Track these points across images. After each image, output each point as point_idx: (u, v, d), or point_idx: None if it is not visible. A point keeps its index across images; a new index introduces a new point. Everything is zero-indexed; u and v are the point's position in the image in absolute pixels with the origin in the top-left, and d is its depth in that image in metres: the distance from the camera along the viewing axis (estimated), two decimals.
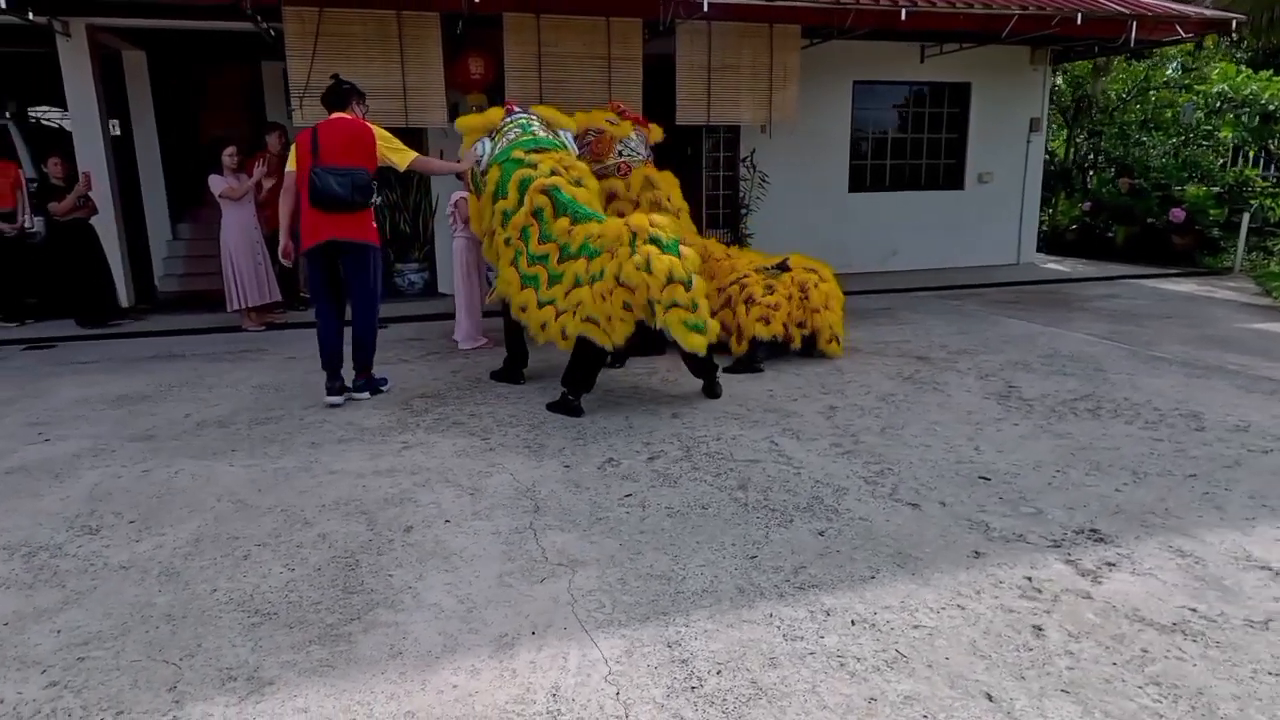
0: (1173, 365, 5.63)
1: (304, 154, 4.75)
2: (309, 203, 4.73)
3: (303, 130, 4.87)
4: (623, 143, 5.99)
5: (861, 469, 3.81)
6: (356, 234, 4.83)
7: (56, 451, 4.23)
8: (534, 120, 5.31)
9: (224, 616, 2.65)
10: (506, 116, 5.30)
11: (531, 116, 5.34)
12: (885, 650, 2.40)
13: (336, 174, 4.69)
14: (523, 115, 5.32)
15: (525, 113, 5.37)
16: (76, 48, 8.05)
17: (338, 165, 4.70)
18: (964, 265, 10.89)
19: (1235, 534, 3.11)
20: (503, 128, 5.23)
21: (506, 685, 2.27)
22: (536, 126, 5.27)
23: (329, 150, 4.72)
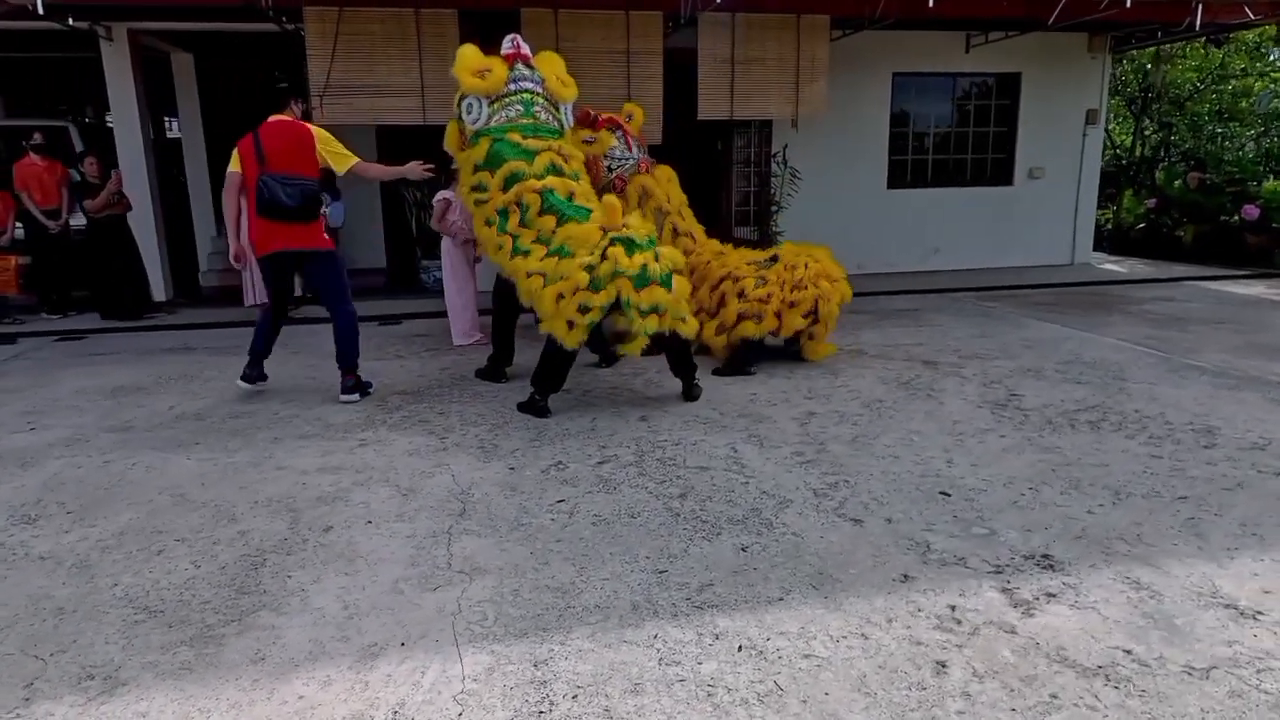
0: (1204, 375, 5.17)
1: (249, 159, 4.70)
2: (256, 212, 4.71)
3: (246, 134, 4.81)
4: (608, 156, 5.85)
5: (816, 480, 3.58)
6: (308, 242, 4.82)
7: (35, 440, 4.36)
8: (538, 99, 5.02)
9: (111, 613, 2.64)
10: (510, 81, 4.93)
11: (537, 91, 5.02)
12: (763, 681, 2.21)
13: (286, 184, 4.65)
14: (528, 87, 4.99)
15: (532, 80, 5.03)
16: (118, 51, 8.37)
17: (286, 174, 4.66)
18: (1012, 265, 10.35)
19: (1208, 566, 2.78)
20: (505, 97, 4.91)
21: (352, 699, 2.18)
22: (540, 107, 5.01)
23: (274, 155, 4.66)
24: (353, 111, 7.78)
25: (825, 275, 5.39)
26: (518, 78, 4.97)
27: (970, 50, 9.84)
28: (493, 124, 4.91)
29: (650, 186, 5.86)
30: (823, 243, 9.47)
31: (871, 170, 10.00)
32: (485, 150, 4.87)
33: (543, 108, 5.05)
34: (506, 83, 4.92)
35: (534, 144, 4.88)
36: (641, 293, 4.27)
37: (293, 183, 4.63)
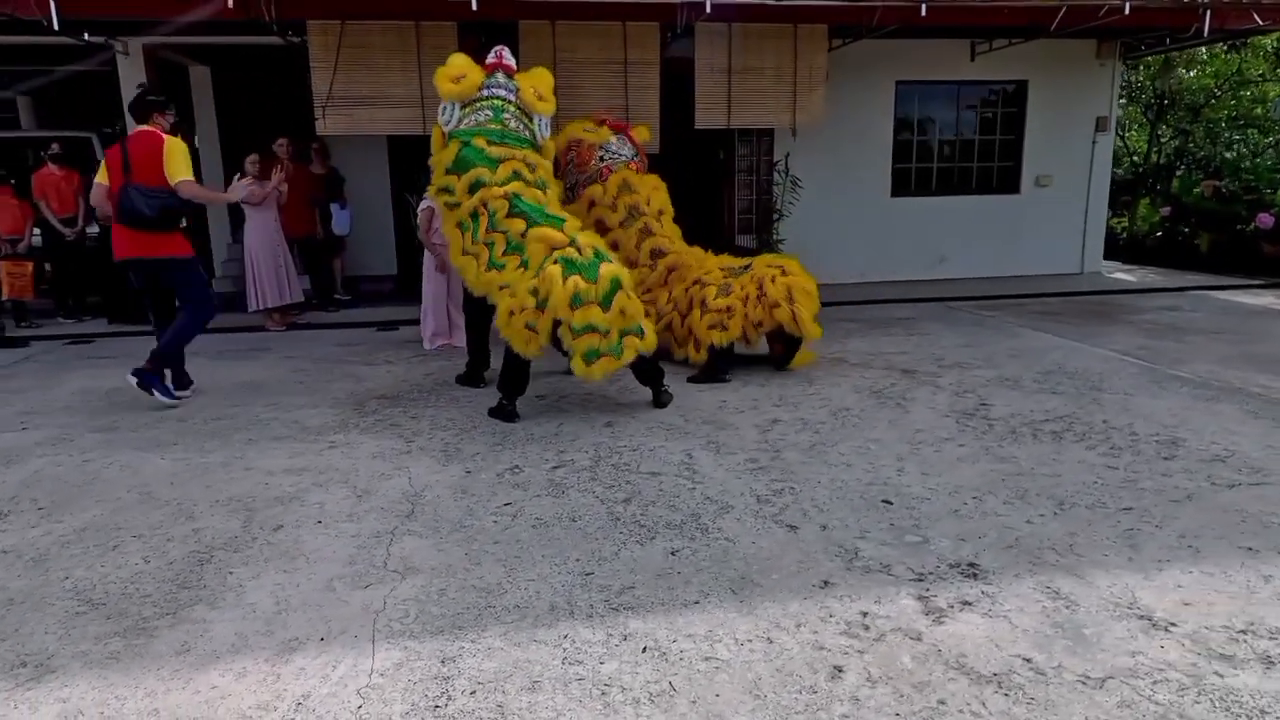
0: (1185, 386, 5.11)
1: (115, 169, 4.93)
2: (116, 218, 4.96)
3: (113, 144, 5.14)
4: (602, 147, 5.95)
5: (763, 487, 3.62)
6: (161, 250, 5.02)
7: (24, 439, 4.54)
8: (509, 106, 5.08)
9: (57, 604, 2.76)
10: (485, 86, 5.02)
11: (509, 99, 5.09)
12: (658, 682, 2.26)
13: (146, 195, 4.87)
14: (500, 94, 5.06)
15: (504, 88, 5.09)
16: (133, 65, 8.67)
17: (148, 185, 4.88)
18: (1019, 274, 10.24)
19: (1134, 577, 2.77)
20: (476, 101, 5.00)
21: (262, 690, 2.27)
22: (509, 114, 5.09)
23: (138, 166, 4.90)
24: (354, 122, 7.97)
25: (799, 288, 5.38)
26: (491, 85, 5.05)
27: (975, 58, 9.79)
28: (461, 127, 5.01)
29: (633, 182, 5.95)
30: (824, 251, 9.62)
31: (875, 178, 9.98)
32: (453, 154, 4.94)
33: (513, 115, 5.12)
34: (479, 88, 5.02)
35: (498, 151, 4.93)
36: (575, 312, 4.33)
37: (153, 194, 4.86)
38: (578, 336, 4.42)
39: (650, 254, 5.95)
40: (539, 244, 4.59)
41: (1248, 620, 2.50)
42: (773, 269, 5.48)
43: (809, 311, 5.36)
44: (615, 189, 5.89)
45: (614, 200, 5.91)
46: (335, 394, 5.35)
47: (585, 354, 4.45)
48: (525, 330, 4.45)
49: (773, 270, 5.45)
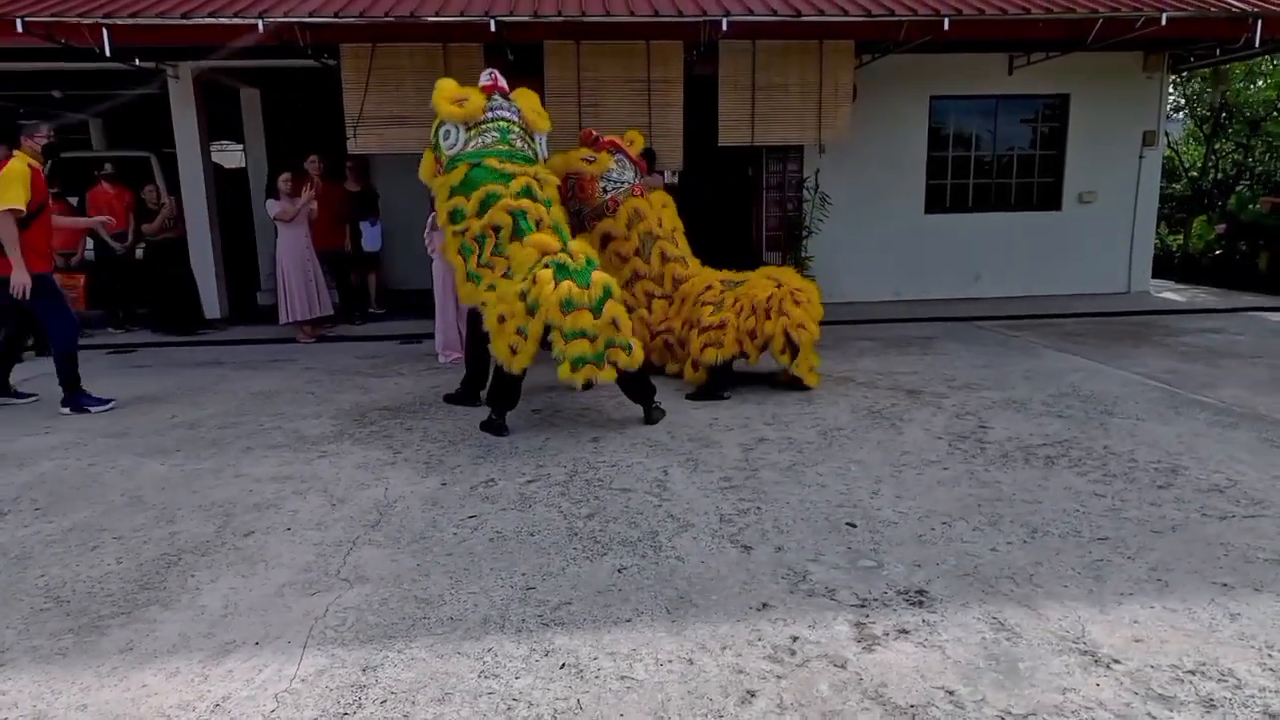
0: (1204, 411, 4.87)
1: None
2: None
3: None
4: (604, 178, 5.99)
5: (729, 506, 3.58)
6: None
7: (42, 442, 4.78)
8: (514, 126, 5.21)
9: (26, 600, 2.90)
10: (488, 109, 5.14)
11: (513, 120, 5.21)
12: (567, 699, 2.26)
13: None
14: (504, 116, 5.18)
15: (508, 109, 5.22)
16: (183, 88, 9.10)
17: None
18: (1060, 293, 9.91)
19: (1089, 610, 2.65)
20: (482, 124, 5.10)
21: (186, 690, 2.34)
22: (515, 135, 5.19)
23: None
24: (384, 141, 8.19)
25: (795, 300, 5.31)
26: (494, 106, 5.16)
27: (1013, 72, 9.57)
28: (469, 149, 5.10)
29: (643, 209, 5.97)
30: (856, 268, 9.50)
31: (908, 195, 9.80)
32: (462, 174, 5.03)
33: (519, 136, 5.22)
34: (484, 110, 5.12)
35: (511, 168, 5.03)
36: (567, 317, 4.37)
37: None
38: (569, 341, 4.45)
39: (673, 282, 5.93)
40: (532, 249, 4.65)
41: (1199, 660, 2.37)
42: (769, 281, 5.43)
43: (804, 315, 5.27)
44: (626, 219, 5.92)
45: (627, 231, 5.94)
46: (340, 405, 5.49)
47: (573, 360, 4.48)
48: (514, 336, 4.50)
49: (767, 283, 5.40)
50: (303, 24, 7.21)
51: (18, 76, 9.51)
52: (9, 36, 6.77)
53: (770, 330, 5.25)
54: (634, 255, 5.94)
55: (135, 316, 9.04)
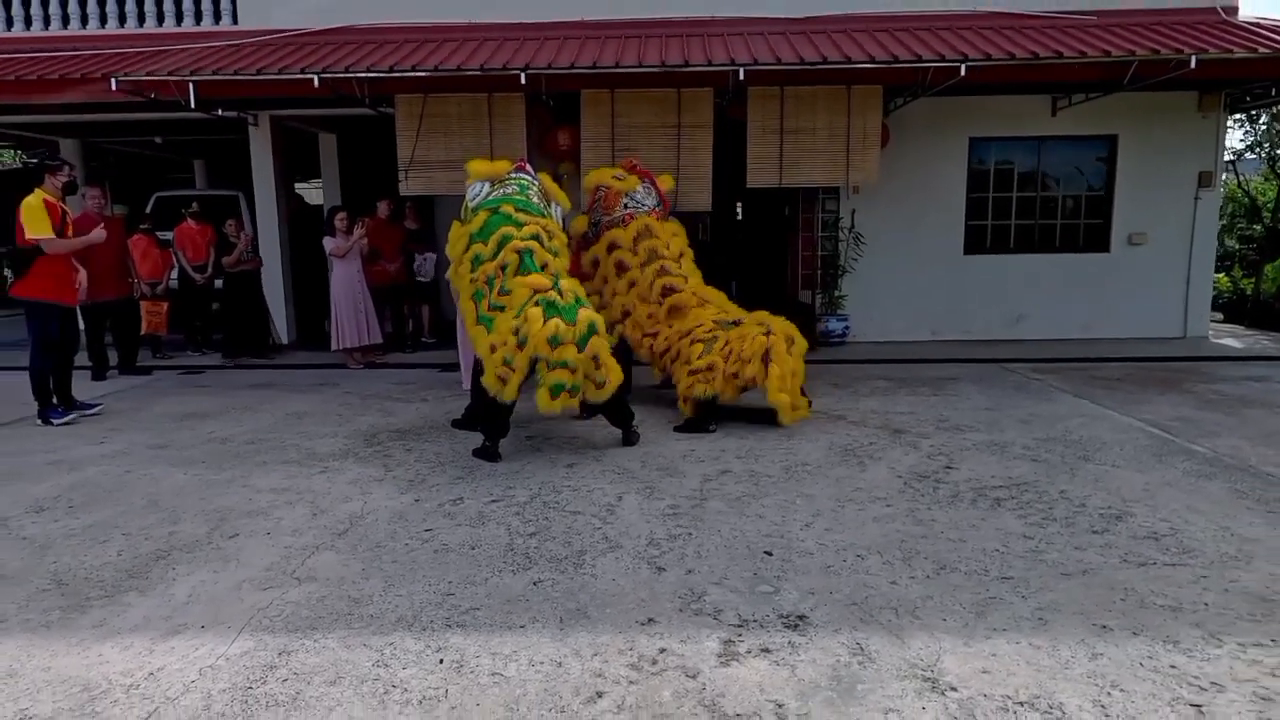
0: (1189, 461, 4.79)
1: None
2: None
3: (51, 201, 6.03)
4: (629, 195, 6.45)
5: (664, 531, 3.81)
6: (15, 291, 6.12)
7: (95, 451, 5.43)
8: (533, 186, 5.72)
9: (34, 581, 3.41)
10: (513, 172, 5.72)
11: (534, 181, 5.74)
12: (437, 689, 2.55)
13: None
14: (526, 177, 5.73)
15: (531, 176, 5.78)
16: (262, 134, 10.03)
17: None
18: (1108, 337, 9.65)
19: (953, 642, 2.77)
20: (505, 180, 5.65)
21: (132, 661, 2.75)
22: (534, 192, 5.70)
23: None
24: (433, 183, 8.83)
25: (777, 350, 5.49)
26: (517, 172, 5.71)
27: (1057, 113, 9.49)
28: (490, 197, 5.58)
29: (653, 227, 6.40)
30: (893, 307, 9.55)
31: (947, 235, 9.79)
32: (481, 221, 5.51)
33: (537, 194, 5.69)
34: (508, 172, 5.69)
35: (524, 217, 5.49)
36: (554, 351, 4.72)
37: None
38: (551, 370, 4.81)
39: (661, 290, 6.28)
40: (524, 288, 5.04)
41: (1035, 693, 2.48)
42: (757, 328, 5.63)
43: (782, 370, 5.44)
44: (634, 233, 6.32)
45: (634, 244, 6.33)
46: (358, 426, 5.98)
47: (552, 387, 4.82)
48: (503, 367, 4.88)
49: (756, 330, 5.61)
50: (359, 78, 7.92)
51: (124, 125, 10.69)
52: (103, 92, 7.72)
53: (751, 373, 5.45)
54: (638, 267, 6.34)
55: (210, 341, 9.91)
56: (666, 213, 6.80)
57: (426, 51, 8.55)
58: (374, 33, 9.38)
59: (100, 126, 11.00)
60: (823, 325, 9.61)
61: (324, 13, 9.39)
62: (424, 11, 9.41)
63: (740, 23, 9.18)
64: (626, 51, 8.29)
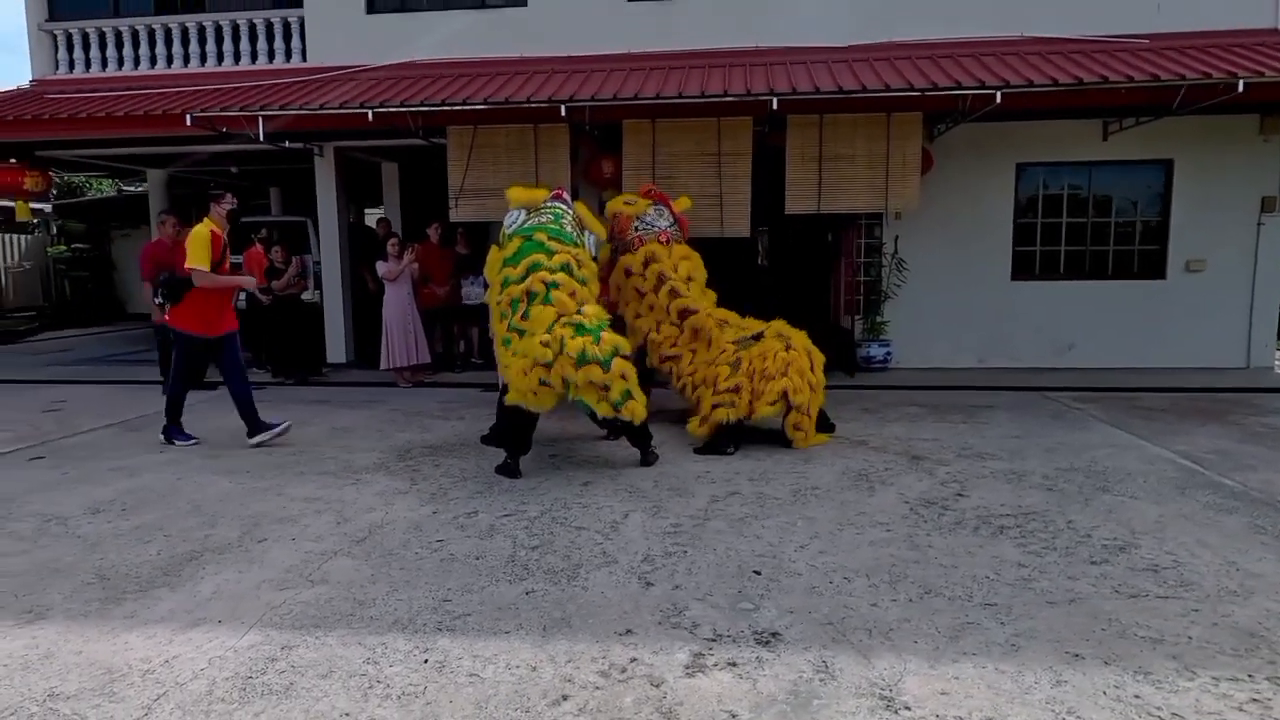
0: (1212, 495, 4.67)
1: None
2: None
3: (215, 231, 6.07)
4: (639, 219, 6.65)
5: (660, 549, 3.94)
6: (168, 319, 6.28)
7: (155, 459, 5.85)
8: (568, 215, 5.99)
9: (81, 575, 3.74)
10: (549, 201, 6.02)
11: (568, 210, 6.02)
12: (417, 685, 2.74)
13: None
14: (561, 205, 6.01)
15: (566, 205, 6.07)
16: (327, 164, 10.60)
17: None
18: (1164, 366, 9.35)
19: (918, 663, 2.83)
20: (541, 209, 5.95)
21: (153, 649, 3.03)
22: (567, 221, 5.96)
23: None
24: (482, 210, 9.20)
25: (796, 365, 5.60)
26: (554, 200, 5.99)
27: (1109, 138, 9.31)
28: (526, 224, 5.87)
29: (658, 253, 6.57)
30: (938, 334, 9.49)
31: (994, 261, 9.66)
32: (515, 247, 5.81)
33: (570, 223, 5.94)
34: (544, 201, 5.96)
35: (555, 245, 5.75)
36: (580, 370, 4.93)
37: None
38: (581, 389, 5.03)
39: (679, 313, 6.43)
40: (551, 310, 5.28)
41: (990, 715, 2.52)
42: (778, 342, 5.76)
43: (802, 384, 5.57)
44: (642, 258, 6.52)
45: (643, 269, 6.53)
46: (396, 441, 6.28)
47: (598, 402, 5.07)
48: (538, 385, 5.10)
49: (777, 344, 5.74)
50: (410, 112, 8.35)
51: (202, 156, 11.43)
52: (179, 127, 8.34)
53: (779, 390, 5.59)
54: (650, 291, 6.51)
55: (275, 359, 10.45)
56: (684, 233, 6.97)
57: (478, 85, 8.96)
58: (431, 68, 9.87)
59: (182, 157, 11.79)
60: (864, 351, 9.59)
61: (386, 50, 9.93)
62: (478, 48, 9.87)
63: (783, 52, 9.34)
64: (669, 82, 8.52)
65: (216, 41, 10.54)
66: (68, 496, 4.97)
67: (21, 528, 4.41)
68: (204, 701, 2.67)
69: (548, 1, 9.87)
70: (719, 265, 7.23)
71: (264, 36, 10.49)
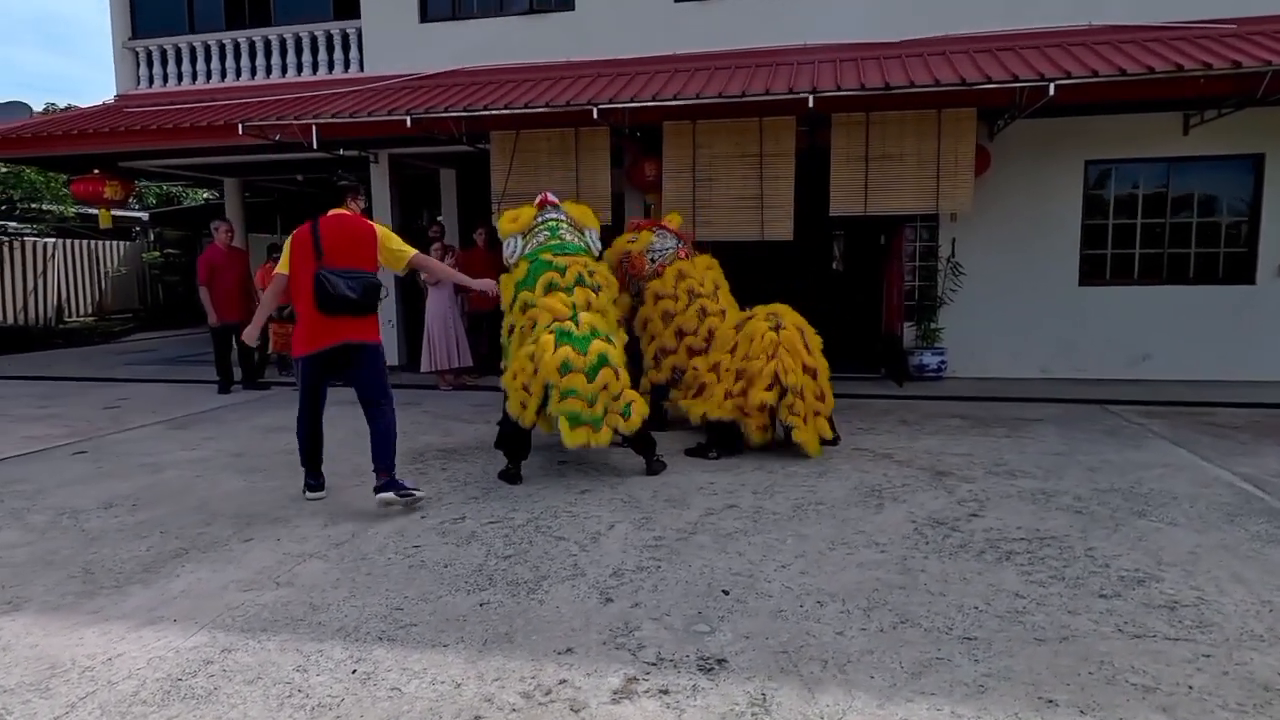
0: (1262, 524, 4.18)
1: (304, 253, 4.62)
2: (314, 306, 4.54)
3: (300, 226, 4.74)
4: (649, 249, 6.52)
5: (634, 563, 3.78)
6: (365, 335, 4.71)
7: (183, 456, 6.04)
8: (562, 223, 5.93)
9: (68, 568, 3.85)
10: (538, 215, 5.96)
11: (560, 218, 5.95)
12: (335, 697, 2.67)
13: (346, 277, 4.52)
14: (553, 217, 5.94)
15: (556, 212, 5.99)
16: (381, 170, 10.85)
17: (346, 268, 4.57)
18: (1250, 380, 8.56)
19: (868, 702, 2.58)
20: (534, 228, 5.91)
21: (105, 645, 3.06)
22: (564, 230, 5.91)
23: (332, 250, 4.58)
24: None
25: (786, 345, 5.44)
26: (544, 214, 5.94)
27: (1189, 131, 8.61)
28: (527, 250, 5.84)
29: (686, 270, 6.43)
30: (998, 342, 9.02)
31: (1060, 265, 9.07)
32: (525, 270, 5.78)
33: (568, 230, 5.88)
34: (534, 219, 5.90)
35: (563, 260, 5.68)
36: (563, 378, 4.82)
37: (354, 276, 4.57)
38: (563, 399, 4.92)
39: (708, 336, 6.24)
40: (544, 313, 5.20)
41: None
42: (768, 322, 5.67)
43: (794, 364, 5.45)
44: (674, 278, 6.35)
45: (674, 289, 6.35)
46: (414, 444, 6.30)
47: (569, 417, 4.92)
48: (521, 392, 5.04)
49: (763, 326, 5.64)
50: (452, 117, 8.43)
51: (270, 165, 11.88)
52: (232, 136, 8.65)
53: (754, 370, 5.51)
54: (682, 311, 6.33)
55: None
56: (690, 247, 6.79)
57: (523, 90, 8.99)
58: (481, 74, 9.98)
59: (254, 166, 12.28)
60: (916, 359, 9.14)
61: (438, 57, 10.10)
62: (527, 53, 9.93)
63: (834, 49, 9.03)
64: (712, 83, 8.34)
65: (280, 54, 10.93)
66: (91, 490, 5.16)
67: (38, 520, 4.59)
68: (127, 703, 2.66)
69: (596, 4, 9.85)
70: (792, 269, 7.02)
71: (324, 48, 10.82)
